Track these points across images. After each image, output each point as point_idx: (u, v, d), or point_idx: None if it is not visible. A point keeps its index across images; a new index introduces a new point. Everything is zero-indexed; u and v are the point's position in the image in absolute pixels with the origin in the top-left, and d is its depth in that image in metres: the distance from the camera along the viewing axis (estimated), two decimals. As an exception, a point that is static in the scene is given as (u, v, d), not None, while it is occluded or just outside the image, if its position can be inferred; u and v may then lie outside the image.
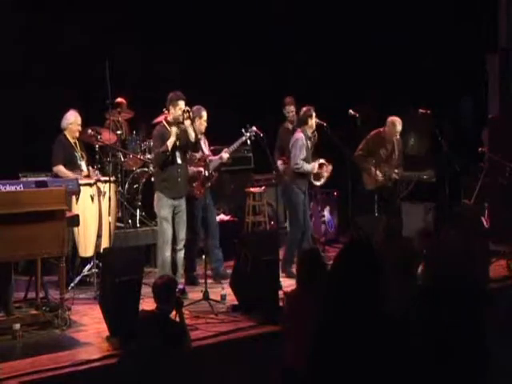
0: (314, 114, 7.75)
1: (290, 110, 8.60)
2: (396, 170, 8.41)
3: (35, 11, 9.03)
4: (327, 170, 7.93)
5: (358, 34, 10.68)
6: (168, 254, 6.91)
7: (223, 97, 9.81)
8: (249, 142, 7.90)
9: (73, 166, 7.42)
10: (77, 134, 7.49)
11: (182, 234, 7.06)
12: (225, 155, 7.69)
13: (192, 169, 7.38)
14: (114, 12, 9.47)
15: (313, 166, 7.75)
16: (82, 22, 9.23)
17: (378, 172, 8.30)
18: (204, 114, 7.46)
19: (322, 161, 7.85)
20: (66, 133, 7.44)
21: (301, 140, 7.68)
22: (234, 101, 9.94)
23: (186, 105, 6.94)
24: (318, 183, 8.03)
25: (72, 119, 7.43)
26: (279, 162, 8.46)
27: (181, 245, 7.06)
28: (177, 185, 6.99)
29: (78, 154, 7.50)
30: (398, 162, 8.53)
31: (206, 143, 7.76)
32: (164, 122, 7.05)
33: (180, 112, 6.88)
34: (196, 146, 7.28)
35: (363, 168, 8.41)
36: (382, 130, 8.41)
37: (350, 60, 10.73)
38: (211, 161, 7.54)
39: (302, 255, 4.89)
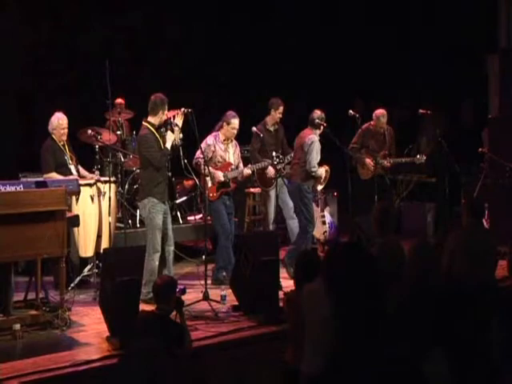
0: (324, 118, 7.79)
1: (282, 111, 8.31)
2: (388, 158, 8.54)
3: (36, 11, 9.05)
4: (327, 175, 8.00)
5: (358, 32, 10.69)
6: (157, 263, 6.79)
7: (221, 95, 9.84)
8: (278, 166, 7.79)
9: (63, 169, 7.33)
10: (64, 137, 7.34)
11: (171, 235, 6.96)
12: (246, 171, 7.64)
13: (211, 169, 7.31)
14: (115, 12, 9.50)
15: (321, 172, 7.80)
16: (83, 22, 9.25)
17: (369, 160, 8.43)
18: (233, 121, 7.39)
19: (326, 167, 7.89)
20: (54, 136, 7.31)
21: (317, 143, 7.68)
22: (232, 100, 9.95)
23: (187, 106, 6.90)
24: (319, 187, 8.08)
25: (55, 124, 7.27)
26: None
27: (171, 244, 6.94)
28: (166, 188, 6.93)
29: (67, 156, 7.37)
30: (391, 151, 8.65)
31: (237, 150, 7.68)
32: (149, 126, 6.81)
33: (166, 112, 6.82)
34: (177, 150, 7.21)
35: (357, 159, 8.51)
36: (371, 123, 8.54)
37: (350, 60, 10.74)
38: (233, 169, 7.52)
39: (300, 256, 4.89)
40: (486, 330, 3.00)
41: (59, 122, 7.29)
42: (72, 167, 7.40)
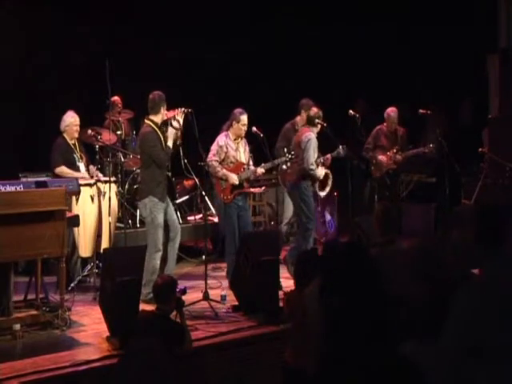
0: (321, 115, 7.75)
1: None
2: (400, 152, 8.87)
3: (37, 12, 9.05)
4: (329, 180, 7.93)
5: (358, 32, 10.69)
6: (158, 261, 6.80)
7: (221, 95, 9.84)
8: (288, 164, 7.68)
9: (71, 167, 7.39)
10: (76, 135, 7.46)
11: (177, 225, 6.96)
12: (260, 170, 7.43)
13: (224, 172, 7.25)
14: (114, 11, 9.49)
15: (320, 173, 7.71)
16: (82, 22, 9.25)
17: (382, 156, 8.78)
18: (242, 117, 7.26)
19: (327, 171, 7.80)
20: (65, 135, 7.42)
21: (314, 140, 7.61)
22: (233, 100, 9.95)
23: (189, 106, 6.88)
24: (322, 193, 7.97)
25: (69, 121, 7.39)
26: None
27: (177, 236, 6.94)
28: (165, 187, 6.93)
29: (77, 155, 7.47)
30: (403, 147, 8.94)
31: (247, 148, 7.52)
32: (151, 124, 6.83)
33: (165, 110, 6.81)
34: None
35: (370, 158, 8.88)
36: (381, 126, 8.92)
37: (349, 59, 10.74)
38: (246, 169, 7.37)
39: (300, 256, 4.88)
40: None
41: (72, 119, 7.39)
42: (81, 165, 7.46)
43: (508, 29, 10.17)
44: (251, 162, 7.58)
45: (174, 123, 6.78)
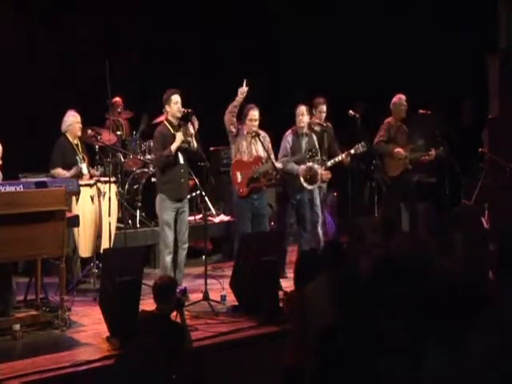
0: (301, 113, 7.62)
1: (323, 110, 8.06)
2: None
3: (35, 12, 9.05)
4: (323, 175, 7.70)
5: (358, 33, 10.69)
6: (169, 258, 6.82)
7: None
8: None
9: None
10: (79, 133, 7.41)
11: (185, 237, 6.95)
12: (278, 165, 7.30)
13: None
14: (113, 11, 9.49)
15: (294, 168, 7.47)
16: (82, 23, 9.26)
17: (399, 149, 8.22)
18: (249, 112, 7.16)
19: (310, 164, 7.53)
20: (68, 135, 7.38)
21: (288, 138, 7.58)
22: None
23: (188, 105, 6.88)
24: (308, 186, 7.68)
25: (71, 120, 7.36)
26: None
27: (184, 245, 6.99)
28: (180, 186, 6.89)
29: (80, 156, 7.42)
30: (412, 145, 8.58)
31: (266, 143, 7.30)
32: (165, 122, 6.92)
33: (177, 106, 6.78)
34: (197, 154, 6.97)
35: (387, 152, 8.33)
36: (388, 120, 8.43)
37: (349, 60, 10.74)
38: (263, 164, 7.25)
39: (300, 256, 4.88)
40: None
41: (73, 118, 7.36)
42: (84, 166, 7.40)
43: (508, 29, 10.15)
44: (272, 157, 7.32)
45: (190, 128, 6.80)
